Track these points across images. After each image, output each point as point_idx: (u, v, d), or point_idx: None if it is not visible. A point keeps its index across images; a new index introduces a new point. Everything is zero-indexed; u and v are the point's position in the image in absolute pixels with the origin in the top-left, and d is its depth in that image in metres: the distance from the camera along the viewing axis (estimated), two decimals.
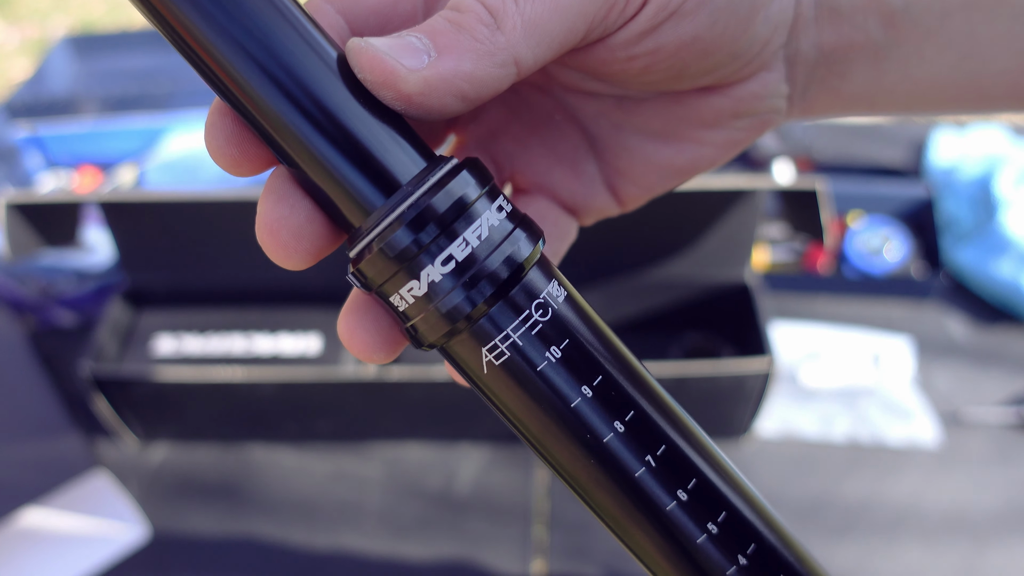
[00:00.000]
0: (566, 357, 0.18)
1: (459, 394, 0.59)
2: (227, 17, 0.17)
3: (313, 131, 0.17)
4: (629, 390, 0.19)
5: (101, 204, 0.60)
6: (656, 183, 0.25)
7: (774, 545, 0.20)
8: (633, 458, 0.19)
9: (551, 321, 0.18)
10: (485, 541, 0.58)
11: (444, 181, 0.18)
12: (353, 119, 0.18)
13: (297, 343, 0.63)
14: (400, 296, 0.18)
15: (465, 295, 0.18)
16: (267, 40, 0.17)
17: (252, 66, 0.17)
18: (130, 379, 0.58)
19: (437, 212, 0.17)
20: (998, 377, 0.70)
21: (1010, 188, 0.78)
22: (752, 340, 0.61)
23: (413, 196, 0.17)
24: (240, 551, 0.58)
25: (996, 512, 0.60)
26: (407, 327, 0.19)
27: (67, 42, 0.98)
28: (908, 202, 0.80)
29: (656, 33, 0.21)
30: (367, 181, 0.18)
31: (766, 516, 0.20)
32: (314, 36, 0.18)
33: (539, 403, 0.19)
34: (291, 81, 0.17)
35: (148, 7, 0.17)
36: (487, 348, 0.18)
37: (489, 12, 0.18)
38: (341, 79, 0.18)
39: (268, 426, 0.63)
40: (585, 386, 0.19)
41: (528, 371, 0.18)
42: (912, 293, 0.76)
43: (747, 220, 0.60)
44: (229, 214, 0.61)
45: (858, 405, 0.66)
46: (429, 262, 0.17)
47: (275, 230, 0.19)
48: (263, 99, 0.17)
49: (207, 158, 0.83)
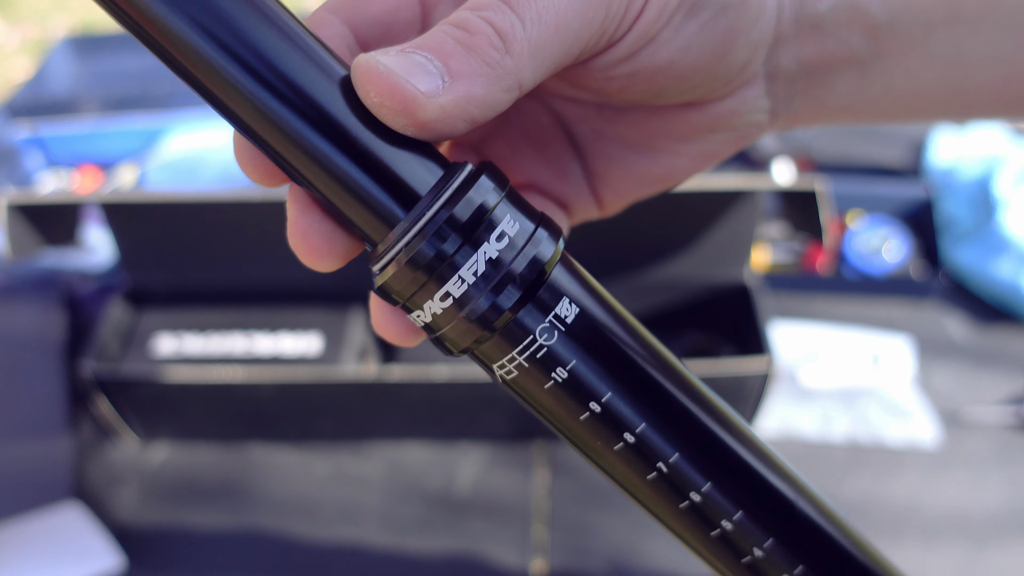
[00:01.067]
0: (598, 351, 0.18)
1: (459, 394, 0.59)
2: (231, 46, 0.16)
3: (323, 155, 0.17)
4: (660, 379, 0.19)
5: (101, 204, 0.60)
6: (632, 190, 0.26)
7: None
8: (665, 445, 0.19)
9: (579, 316, 0.18)
10: (485, 541, 0.58)
11: (464, 189, 0.17)
12: (364, 137, 0.17)
13: (297, 343, 0.63)
14: (429, 307, 0.18)
15: (494, 300, 0.17)
16: (268, 65, 0.17)
17: (255, 93, 0.17)
18: (130, 379, 0.58)
19: (460, 221, 0.17)
20: (998, 377, 0.70)
21: (1009, 188, 0.78)
22: (751, 340, 0.61)
23: (434, 207, 0.17)
24: (240, 551, 0.58)
25: (996, 512, 0.60)
26: (436, 337, 0.19)
27: (67, 42, 0.98)
28: (908, 202, 0.80)
29: (633, 59, 0.21)
30: (386, 197, 0.18)
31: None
32: (318, 53, 0.17)
33: (572, 398, 0.19)
34: (295, 105, 0.17)
35: (150, 41, 0.17)
36: (518, 349, 0.18)
37: (499, 35, 0.18)
38: (345, 96, 0.17)
39: (268, 426, 0.63)
40: (614, 381, 0.18)
41: (559, 367, 0.18)
42: (912, 293, 0.76)
43: (747, 220, 0.60)
44: (229, 214, 0.61)
45: (858, 405, 0.66)
46: (456, 272, 0.17)
47: (307, 235, 0.19)
48: (268, 129, 0.17)
49: (207, 158, 0.83)
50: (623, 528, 0.58)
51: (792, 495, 0.20)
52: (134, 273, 0.65)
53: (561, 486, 0.61)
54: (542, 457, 0.64)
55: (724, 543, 0.20)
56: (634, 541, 0.58)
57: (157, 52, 0.17)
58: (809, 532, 0.20)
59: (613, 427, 0.19)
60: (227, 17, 0.16)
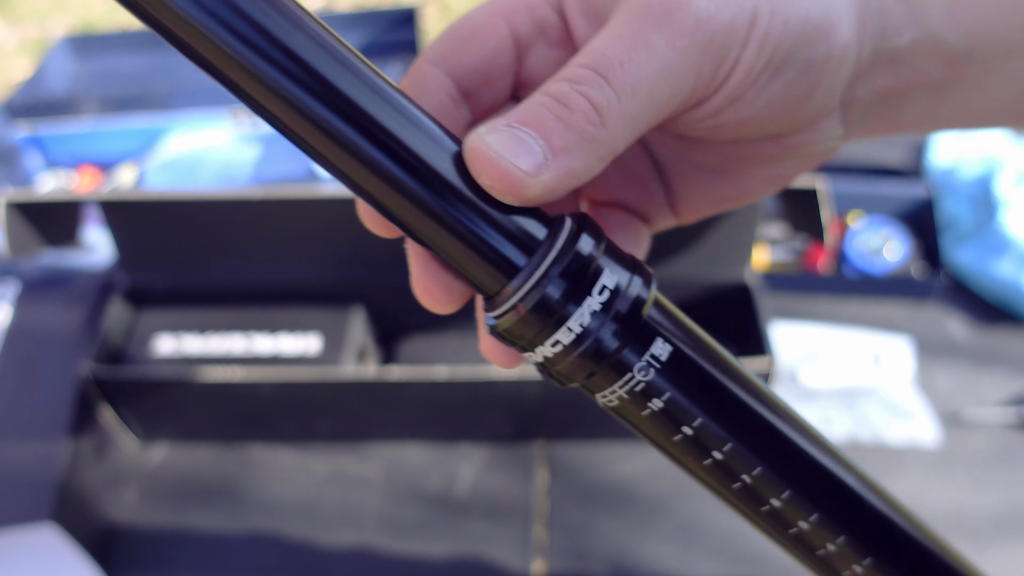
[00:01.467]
0: (689, 384, 0.21)
1: (459, 394, 0.59)
2: (366, 131, 0.18)
3: (444, 221, 0.19)
4: (746, 401, 0.22)
5: (101, 204, 0.59)
6: (708, 207, 0.28)
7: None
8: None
9: (672, 354, 0.21)
10: (485, 541, 0.58)
11: (569, 245, 0.20)
12: (478, 204, 0.19)
13: (297, 343, 0.62)
14: (541, 350, 0.20)
15: (598, 346, 0.20)
16: (394, 146, 0.19)
17: (385, 171, 0.19)
18: (130, 379, 0.58)
19: (569, 275, 0.20)
20: (998, 377, 0.70)
21: (1010, 188, 0.78)
22: (752, 340, 0.61)
23: (546, 264, 0.20)
24: (239, 551, 0.57)
25: (996, 513, 0.60)
26: (551, 372, 0.21)
27: (67, 42, 0.98)
28: (908, 202, 0.80)
29: (718, 115, 0.22)
30: (499, 255, 0.20)
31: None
32: (434, 131, 0.19)
33: (667, 424, 0.21)
34: (422, 180, 0.19)
35: (288, 130, 0.18)
36: (619, 383, 0.21)
37: (596, 110, 0.19)
38: (459, 171, 0.19)
39: (268, 426, 0.63)
40: (704, 409, 0.21)
41: (654, 399, 0.21)
42: (912, 293, 0.76)
43: (747, 220, 0.60)
44: (229, 214, 0.61)
45: (858, 405, 0.66)
46: (566, 322, 0.20)
47: (428, 289, 0.22)
48: (396, 200, 0.19)
49: (206, 158, 0.83)
50: (623, 529, 0.58)
51: (862, 491, 0.23)
52: (134, 273, 0.64)
53: (561, 486, 0.61)
54: (542, 457, 0.64)
55: (799, 540, 0.23)
56: (634, 542, 0.58)
57: (294, 138, 0.18)
58: (877, 524, 0.23)
59: (703, 447, 0.21)
60: (358, 105, 0.18)
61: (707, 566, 0.56)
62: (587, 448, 0.64)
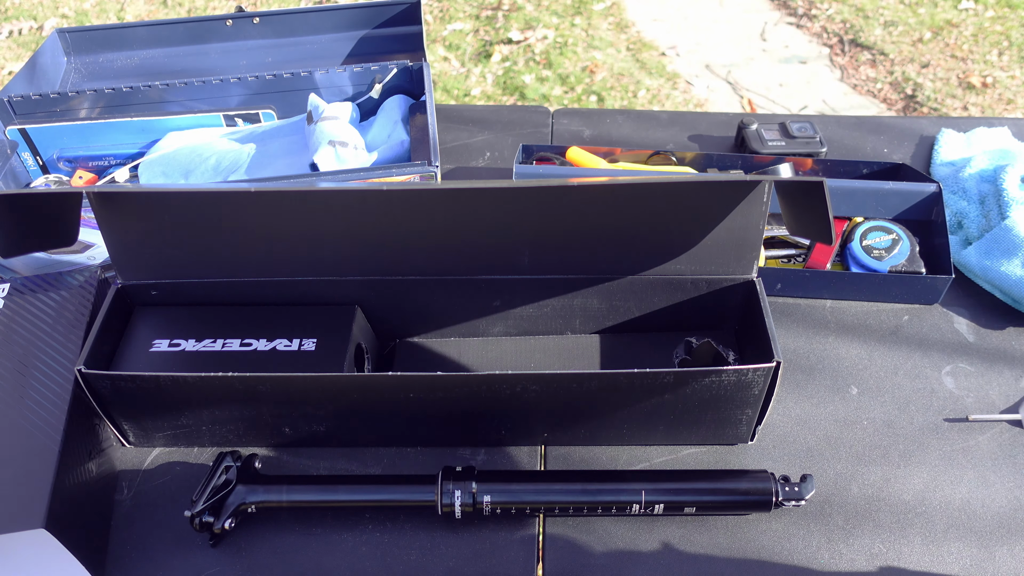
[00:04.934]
0: None
1: (459, 395, 0.58)
2: None
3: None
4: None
5: (93, 199, 0.59)
6: None
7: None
8: None
9: None
10: (485, 543, 0.57)
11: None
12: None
13: (296, 344, 0.62)
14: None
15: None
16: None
17: None
18: (127, 380, 0.57)
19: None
20: (1005, 376, 0.69)
21: (1016, 187, 0.78)
22: (757, 340, 0.60)
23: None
24: (238, 552, 0.57)
25: (1002, 511, 0.59)
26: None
27: (59, 38, 0.97)
28: (912, 201, 0.79)
29: None
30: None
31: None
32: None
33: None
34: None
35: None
36: None
37: None
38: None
39: (266, 427, 0.62)
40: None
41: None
42: (916, 293, 0.75)
43: (752, 220, 0.60)
44: (227, 213, 0.60)
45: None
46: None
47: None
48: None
49: (202, 156, 0.82)
50: (623, 529, 0.58)
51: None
52: (130, 273, 0.64)
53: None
54: (541, 461, 0.63)
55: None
56: (634, 543, 0.57)
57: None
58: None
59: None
60: None
61: (707, 566, 0.56)
62: (586, 451, 0.63)
